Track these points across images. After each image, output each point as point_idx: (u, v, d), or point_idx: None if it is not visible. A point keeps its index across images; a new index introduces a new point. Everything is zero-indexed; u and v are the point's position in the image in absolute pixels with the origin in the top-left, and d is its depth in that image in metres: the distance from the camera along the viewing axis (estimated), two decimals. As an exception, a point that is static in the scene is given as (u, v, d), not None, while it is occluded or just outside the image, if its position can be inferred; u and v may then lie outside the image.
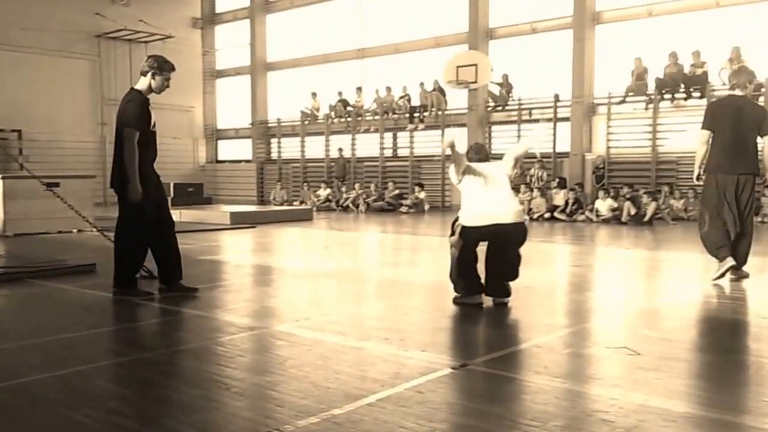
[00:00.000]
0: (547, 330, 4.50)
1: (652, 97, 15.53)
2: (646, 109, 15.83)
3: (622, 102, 16.15)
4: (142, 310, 5.35)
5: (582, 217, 14.40)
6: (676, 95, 15.35)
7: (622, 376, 3.51)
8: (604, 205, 14.15)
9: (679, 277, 7.24)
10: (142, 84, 5.55)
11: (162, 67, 5.51)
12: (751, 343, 4.22)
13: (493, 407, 3.11)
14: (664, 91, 15.42)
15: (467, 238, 5.21)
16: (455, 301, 5.30)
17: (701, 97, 14.95)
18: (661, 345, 4.14)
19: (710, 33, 15.34)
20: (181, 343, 4.44)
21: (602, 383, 3.41)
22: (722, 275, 6.25)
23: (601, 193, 14.43)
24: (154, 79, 5.51)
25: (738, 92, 6.49)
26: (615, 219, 13.70)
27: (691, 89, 15.04)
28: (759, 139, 6.40)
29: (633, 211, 13.48)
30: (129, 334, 4.72)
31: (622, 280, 7.11)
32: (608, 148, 16.43)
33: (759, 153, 6.39)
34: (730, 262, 6.22)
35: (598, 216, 14.07)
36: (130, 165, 5.35)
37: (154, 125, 5.62)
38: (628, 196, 13.92)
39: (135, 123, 5.39)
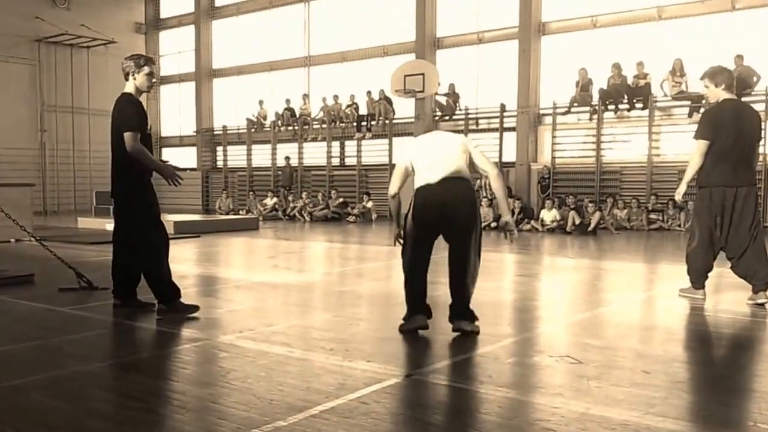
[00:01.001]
0: (492, 339, 4.53)
1: (596, 107, 15.92)
2: (591, 119, 16.21)
3: (567, 112, 16.50)
4: (82, 322, 5.17)
5: (528, 227, 14.63)
6: (620, 106, 15.77)
7: (565, 385, 3.56)
8: (549, 215, 14.41)
9: (622, 286, 7.40)
10: (129, 87, 5.39)
11: (137, 63, 5.37)
12: (689, 351, 4.33)
13: (437, 417, 3.11)
14: (607, 102, 15.83)
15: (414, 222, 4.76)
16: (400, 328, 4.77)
17: (644, 108, 15.40)
18: (603, 353, 4.21)
19: (653, 45, 15.85)
20: (121, 356, 4.30)
21: (545, 392, 3.45)
22: (685, 297, 5.94)
23: (546, 203, 14.69)
24: (135, 78, 5.35)
25: (729, 95, 5.86)
26: (560, 228, 13.96)
27: (635, 100, 15.47)
28: None
29: (578, 221, 13.76)
30: (67, 347, 4.54)
31: (566, 289, 7.23)
32: (553, 158, 16.75)
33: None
34: (701, 296, 5.89)
35: (543, 226, 14.32)
36: (149, 161, 5.31)
37: (150, 128, 5.50)
38: (572, 206, 14.22)
39: (136, 125, 5.24)
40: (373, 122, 19.26)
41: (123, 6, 24.77)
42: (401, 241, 4.87)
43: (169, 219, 14.66)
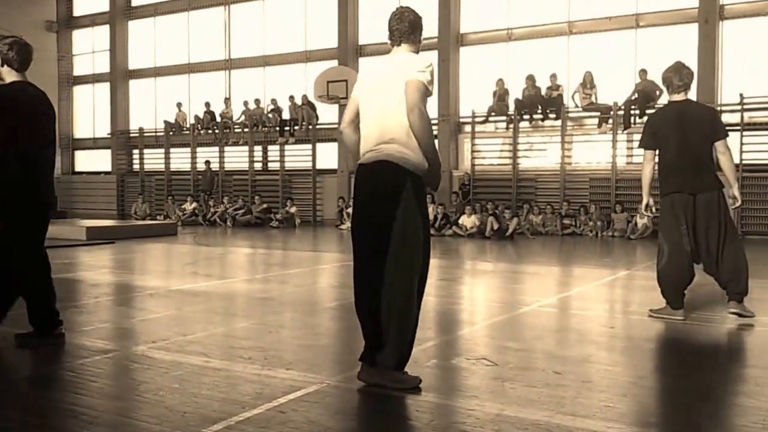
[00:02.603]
0: (412, 343, 4.57)
1: (513, 117, 16.38)
2: (507, 128, 16.67)
3: (485, 121, 16.90)
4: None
5: (449, 232, 14.86)
6: (534, 116, 16.28)
7: (481, 387, 3.63)
8: (469, 221, 14.69)
9: (538, 289, 7.63)
10: (12, 76, 4.54)
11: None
12: (598, 352, 4.50)
13: (354, 424, 3.11)
14: (523, 112, 16.31)
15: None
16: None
17: (556, 119, 15.97)
18: (519, 355, 4.33)
19: (565, 58, 16.47)
20: (23, 371, 4.09)
21: (462, 394, 3.51)
22: (661, 318, 5.42)
23: (467, 209, 14.98)
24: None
25: (677, 96, 5.48)
26: (479, 234, 14.26)
27: (548, 111, 16.02)
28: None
29: (496, 227, 14.10)
30: (-37, 363, 4.29)
31: (485, 293, 7.40)
32: (473, 165, 17.11)
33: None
34: (680, 316, 5.33)
35: (465, 231, 14.59)
36: None
37: None
38: (491, 211, 14.56)
39: None
40: (297, 127, 19.14)
41: (32, 2, 23.64)
42: None
43: (81, 224, 14.11)
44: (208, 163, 20.42)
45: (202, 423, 3.01)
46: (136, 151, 22.99)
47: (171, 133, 21.47)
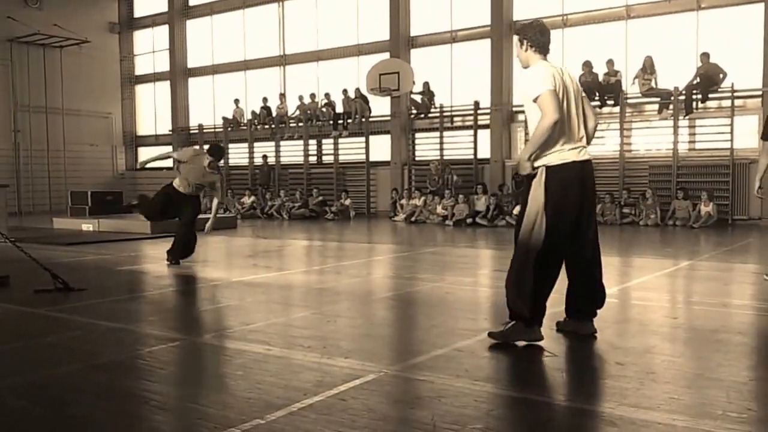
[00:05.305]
0: (469, 334, 4.59)
1: (569, 105, 16.06)
2: (563, 117, 16.36)
3: (540, 110, 16.63)
4: (58, 324, 5.14)
5: (503, 223, 14.74)
6: (592, 103, 15.92)
7: (541, 378, 3.62)
8: (524, 210, 14.53)
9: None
10: None
11: None
12: (662, 343, 4.42)
13: (413, 412, 3.15)
14: (579, 99, 15.98)
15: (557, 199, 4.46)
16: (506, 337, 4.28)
17: (615, 105, 15.61)
18: (579, 346, 4.29)
19: (622, 43, 16.07)
20: (96, 358, 4.28)
21: (522, 385, 3.51)
22: None
23: (521, 199, 14.81)
24: None
25: None
26: (535, 223, 14.07)
27: (606, 97, 15.67)
28: None
29: (552, 216, 13.88)
30: (41, 350, 4.51)
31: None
32: (527, 154, 16.86)
33: None
34: None
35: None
36: None
37: None
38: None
39: None
40: (350, 120, 19.28)
41: (96, 5, 24.46)
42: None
43: (144, 218, 14.54)
44: (265, 157, 20.78)
45: (265, 409, 3.11)
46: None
47: (229, 128, 21.94)
